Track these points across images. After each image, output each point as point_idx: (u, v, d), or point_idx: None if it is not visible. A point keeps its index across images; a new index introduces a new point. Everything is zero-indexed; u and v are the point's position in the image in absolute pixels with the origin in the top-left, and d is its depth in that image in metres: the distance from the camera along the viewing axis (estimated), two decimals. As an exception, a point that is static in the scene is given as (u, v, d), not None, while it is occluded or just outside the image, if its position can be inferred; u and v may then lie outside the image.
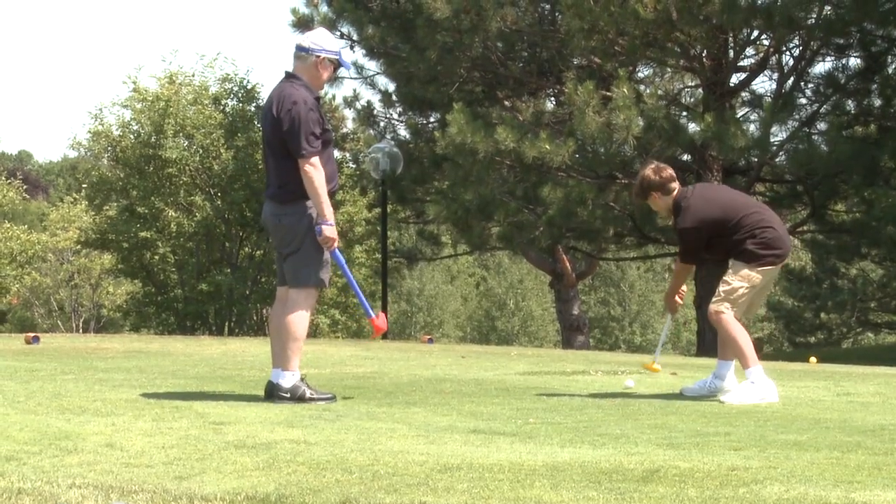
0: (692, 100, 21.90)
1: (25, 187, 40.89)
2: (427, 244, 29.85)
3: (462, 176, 20.57)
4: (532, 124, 19.88)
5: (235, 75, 29.21)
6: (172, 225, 27.81)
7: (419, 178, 25.09)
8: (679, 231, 7.60)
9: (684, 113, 20.89)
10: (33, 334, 13.32)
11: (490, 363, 10.97)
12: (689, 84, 22.63)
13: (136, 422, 5.95)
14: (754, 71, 21.27)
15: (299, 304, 7.04)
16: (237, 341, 14.69)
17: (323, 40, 7.23)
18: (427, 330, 56.40)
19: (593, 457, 5.01)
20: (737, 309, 7.46)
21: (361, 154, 27.84)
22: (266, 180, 7.38)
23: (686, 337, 54.20)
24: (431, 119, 25.80)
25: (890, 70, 20.64)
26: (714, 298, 7.51)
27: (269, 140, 7.12)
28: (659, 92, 19.88)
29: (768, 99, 20.39)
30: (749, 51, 21.32)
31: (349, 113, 28.63)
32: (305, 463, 4.78)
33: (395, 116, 27.06)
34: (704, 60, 20.14)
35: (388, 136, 26.10)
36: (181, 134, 27.87)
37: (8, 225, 35.00)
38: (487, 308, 63.61)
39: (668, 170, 7.69)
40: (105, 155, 29.89)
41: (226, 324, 28.08)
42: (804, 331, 36.56)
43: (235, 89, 29.00)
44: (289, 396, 6.94)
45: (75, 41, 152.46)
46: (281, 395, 6.95)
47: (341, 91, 30.15)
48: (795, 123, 20.00)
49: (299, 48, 7.18)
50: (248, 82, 29.02)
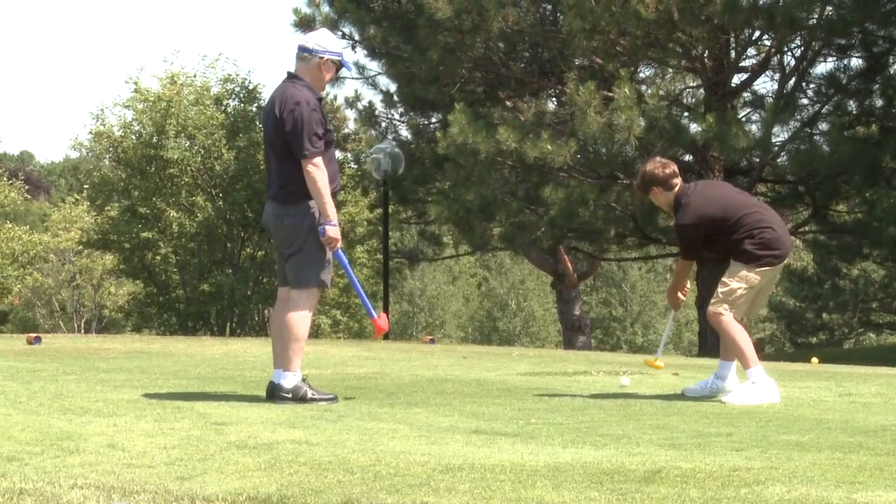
0: (694, 100, 21.86)
1: (27, 188, 40.89)
2: (428, 244, 29.84)
3: (463, 176, 20.57)
4: (533, 125, 19.88)
5: (237, 76, 29.28)
6: (174, 225, 27.82)
7: (421, 179, 25.08)
8: (678, 227, 7.60)
9: (686, 113, 20.87)
10: (35, 335, 13.31)
11: (492, 364, 10.96)
12: (691, 84, 22.61)
13: (138, 422, 5.95)
14: (756, 71, 21.27)
15: (301, 305, 7.04)
16: (239, 342, 14.69)
17: (326, 41, 7.21)
18: (429, 330, 56.40)
19: (595, 457, 5.01)
20: (736, 310, 7.44)
21: (363, 154, 27.80)
22: (267, 181, 7.35)
23: (688, 337, 54.19)
24: (433, 119, 25.78)
25: (891, 70, 20.63)
26: (713, 300, 7.50)
27: (272, 140, 7.11)
28: (660, 92, 19.87)
29: (770, 99, 20.38)
30: (751, 51, 21.32)
31: (351, 113, 28.62)
32: (307, 463, 4.78)
33: (397, 117, 27.06)
34: (706, 61, 20.14)
35: (390, 137, 26.08)
36: (183, 134, 27.89)
37: (10, 225, 35.01)
38: (489, 308, 63.61)
39: (672, 166, 7.68)
40: (107, 155, 29.92)
41: (227, 324, 28.09)
42: (806, 331, 36.55)
43: (237, 90, 29.03)
44: (290, 397, 6.94)
45: (77, 42, 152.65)
46: (283, 396, 6.95)
47: (343, 91, 30.30)
48: (797, 124, 19.98)
49: (302, 49, 7.17)
50: (250, 83, 29.09)
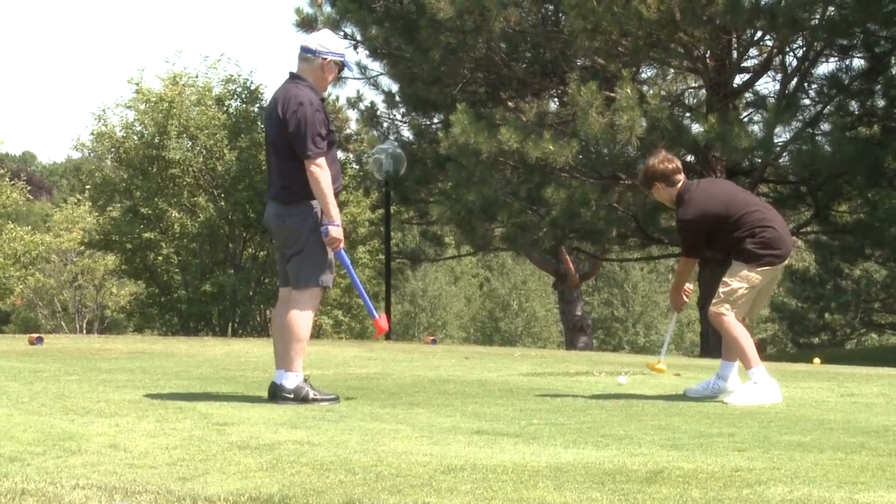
0: (695, 101, 21.85)
1: (29, 188, 40.93)
2: (430, 245, 29.84)
3: (465, 177, 20.57)
4: (535, 125, 19.87)
5: (239, 76, 29.31)
6: (176, 226, 27.84)
7: (422, 179, 25.08)
8: (680, 223, 7.57)
9: (688, 114, 20.87)
10: (37, 335, 13.32)
11: (493, 364, 10.96)
12: (693, 85, 22.60)
13: (140, 423, 5.95)
14: (758, 72, 21.26)
15: (302, 305, 7.03)
16: (240, 342, 14.69)
17: (329, 42, 7.21)
18: (430, 331, 56.38)
19: (597, 458, 5.01)
20: (737, 310, 7.43)
21: (365, 155, 27.81)
22: (269, 181, 7.34)
23: (690, 338, 54.18)
24: (435, 120, 25.78)
25: (894, 71, 20.60)
26: (714, 300, 7.49)
27: (274, 141, 7.11)
28: (662, 93, 19.83)
29: (772, 100, 20.36)
30: (752, 51, 21.33)
31: (353, 114, 28.64)
32: (309, 464, 4.78)
33: (399, 117, 27.06)
34: (708, 61, 20.13)
35: (392, 137, 26.07)
36: (184, 135, 27.91)
37: (12, 226, 35.04)
38: (491, 309, 63.58)
39: (675, 161, 7.66)
40: (109, 156, 29.96)
41: (229, 325, 28.12)
42: (808, 332, 36.53)
43: (239, 90, 29.06)
44: (292, 397, 6.93)
45: (79, 42, 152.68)
46: (284, 396, 6.94)
47: (345, 92, 30.38)
48: (799, 124, 19.97)
49: (305, 50, 7.16)
50: (252, 83, 29.14)
